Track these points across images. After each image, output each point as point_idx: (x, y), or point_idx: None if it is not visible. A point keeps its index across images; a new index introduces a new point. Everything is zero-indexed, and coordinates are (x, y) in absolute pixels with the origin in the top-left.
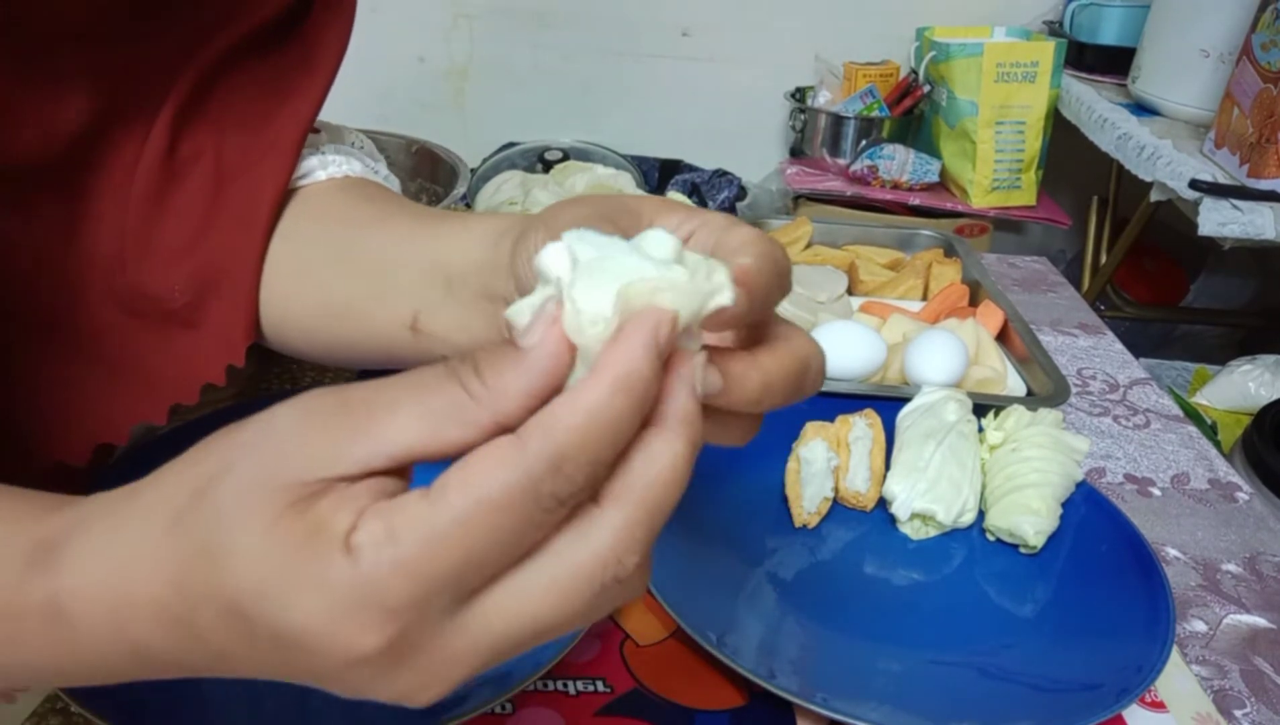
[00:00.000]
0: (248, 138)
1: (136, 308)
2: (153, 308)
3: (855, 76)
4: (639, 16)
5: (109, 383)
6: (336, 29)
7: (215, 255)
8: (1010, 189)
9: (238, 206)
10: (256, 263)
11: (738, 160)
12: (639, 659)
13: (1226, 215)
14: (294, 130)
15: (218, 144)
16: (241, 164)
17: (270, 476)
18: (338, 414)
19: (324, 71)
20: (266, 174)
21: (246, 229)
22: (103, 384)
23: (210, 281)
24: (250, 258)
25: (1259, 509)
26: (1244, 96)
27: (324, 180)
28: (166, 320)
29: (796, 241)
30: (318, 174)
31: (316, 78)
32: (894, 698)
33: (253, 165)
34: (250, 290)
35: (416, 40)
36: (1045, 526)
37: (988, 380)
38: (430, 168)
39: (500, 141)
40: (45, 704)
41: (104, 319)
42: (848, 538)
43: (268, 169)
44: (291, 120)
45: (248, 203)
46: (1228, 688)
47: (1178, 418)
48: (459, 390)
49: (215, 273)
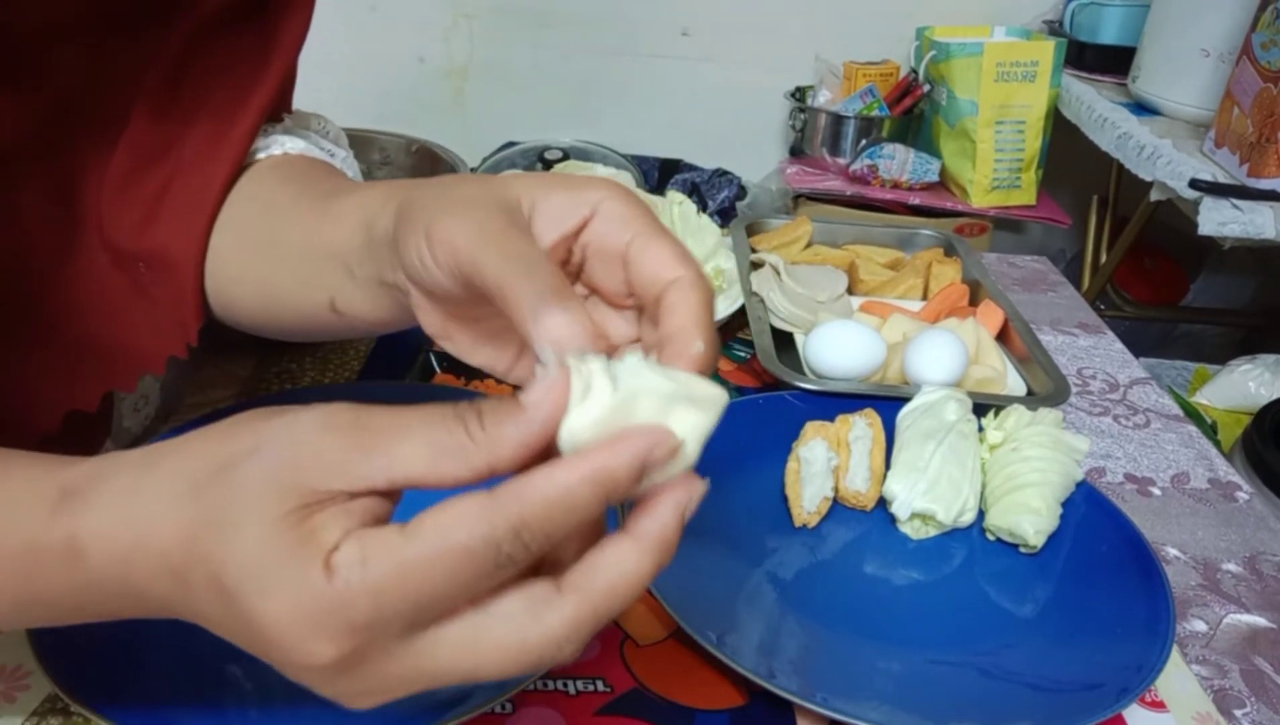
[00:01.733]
0: (212, 128)
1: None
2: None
3: (855, 76)
4: (639, 16)
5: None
6: (294, 21)
7: (166, 239)
8: (1010, 188)
9: (187, 193)
10: (200, 248)
11: (738, 160)
12: (639, 659)
13: (1226, 215)
14: (249, 120)
15: (184, 135)
16: (200, 153)
17: (286, 475)
18: (353, 432)
19: (282, 59)
20: (218, 162)
21: (192, 216)
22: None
23: (163, 263)
24: (194, 243)
25: (1259, 509)
26: (1244, 96)
27: (262, 160)
28: (132, 295)
29: (796, 241)
30: (259, 155)
31: (275, 66)
32: (894, 698)
33: (207, 154)
34: (196, 274)
35: (416, 40)
36: (1045, 526)
37: (988, 380)
38: (430, 168)
39: (500, 141)
40: (45, 704)
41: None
42: (848, 538)
43: (220, 157)
44: (248, 110)
45: (197, 190)
46: (1228, 688)
47: (1178, 417)
48: (462, 432)
49: (167, 255)
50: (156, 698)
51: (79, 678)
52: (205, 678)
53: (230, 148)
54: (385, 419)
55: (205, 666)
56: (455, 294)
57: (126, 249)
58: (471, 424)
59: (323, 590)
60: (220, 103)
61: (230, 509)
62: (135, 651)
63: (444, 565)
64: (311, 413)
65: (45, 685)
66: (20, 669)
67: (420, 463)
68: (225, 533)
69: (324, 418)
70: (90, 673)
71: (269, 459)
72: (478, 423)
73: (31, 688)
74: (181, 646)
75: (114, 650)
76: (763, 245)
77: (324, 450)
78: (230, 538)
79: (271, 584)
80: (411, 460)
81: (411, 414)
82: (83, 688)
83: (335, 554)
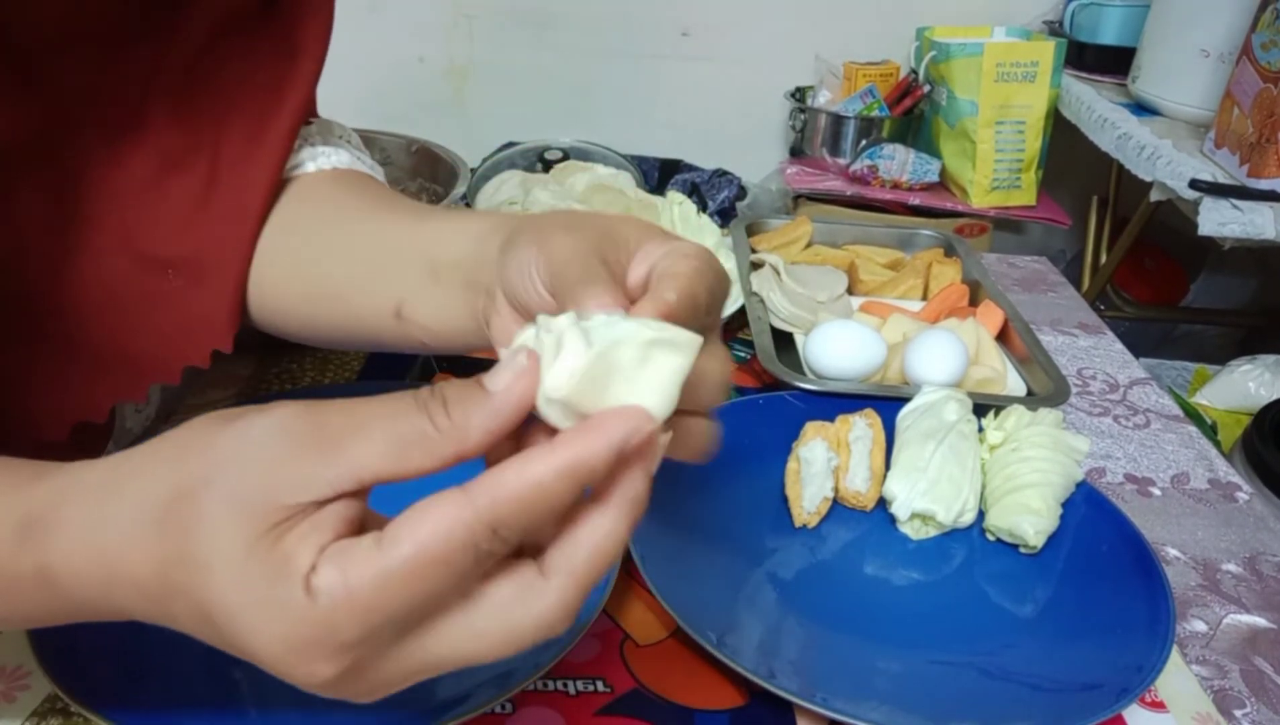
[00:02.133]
0: (244, 129)
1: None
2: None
3: (855, 76)
4: (639, 16)
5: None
6: (318, 15)
7: (207, 244)
8: (1010, 189)
9: (231, 197)
10: (247, 253)
11: (738, 160)
12: (639, 659)
13: (1226, 215)
14: (285, 122)
15: (215, 138)
16: (237, 155)
17: (247, 497)
18: (311, 437)
19: (310, 60)
20: (259, 166)
21: (238, 220)
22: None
23: (202, 269)
24: (241, 248)
25: (1259, 509)
26: (1244, 96)
27: (314, 172)
28: (155, 303)
29: (796, 241)
30: (307, 166)
31: (303, 67)
32: (894, 698)
33: (246, 157)
34: (239, 279)
35: (416, 40)
36: (1045, 526)
37: (988, 380)
38: (430, 168)
39: (500, 141)
40: (45, 704)
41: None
42: (848, 538)
43: (261, 161)
44: (283, 112)
45: (240, 194)
46: (1228, 688)
47: (1178, 418)
48: (426, 422)
49: (207, 261)
50: (157, 698)
51: (79, 678)
52: (206, 678)
53: (270, 150)
54: (343, 417)
55: (205, 667)
56: (536, 307)
57: (157, 255)
58: (436, 413)
59: (308, 617)
60: (250, 104)
61: (198, 544)
62: (135, 651)
63: (424, 572)
64: (265, 420)
65: (45, 685)
66: (20, 669)
67: (386, 459)
68: (198, 571)
69: (279, 424)
70: (90, 673)
71: (229, 482)
72: (443, 412)
73: (31, 688)
74: (182, 647)
75: (114, 650)
76: (763, 245)
77: (283, 462)
78: (205, 577)
79: (257, 621)
80: (376, 458)
81: (371, 406)
82: (83, 688)
83: (314, 577)
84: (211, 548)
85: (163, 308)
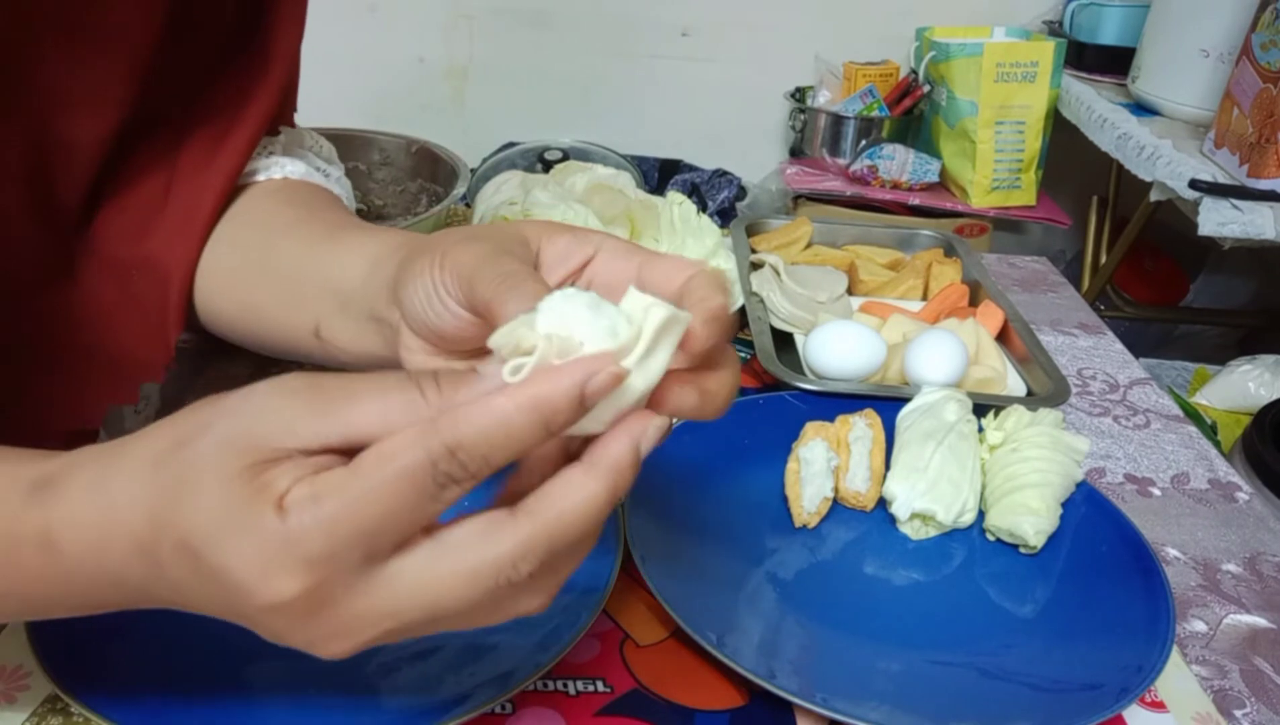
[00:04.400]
0: (208, 136)
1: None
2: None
3: (855, 76)
4: (639, 16)
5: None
6: (289, 27)
7: (158, 247)
8: (1010, 189)
9: (184, 203)
10: (192, 259)
11: (738, 160)
12: (639, 659)
13: (1226, 215)
14: (246, 131)
15: (179, 143)
16: (197, 162)
17: (241, 437)
18: (307, 393)
19: (279, 70)
20: (214, 173)
21: (187, 226)
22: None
23: (154, 272)
24: (186, 254)
25: (1259, 509)
26: (1244, 96)
27: (263, 181)
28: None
29: (796, 242)
30: (259, 175)
31: (272, 77)
32: (894, 698)
33: (204, 164)
34: (184, 284)
35: (416, 40)
36: (1045, 526)
37: (988, 380)
38: (430, 168)
39: (500, 141)
40: (45, 704)
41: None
42: (848, 538)
43: (216, 167)
44: (246, 121)
45: (192, 200)
46: (1228, 688)
47: (1178, 418)
48: (415, 393)
49: (158, 264)
50: (157, 698)
51: (79, 678)
52: (205, 678)
53: (227, 160)
54: (340, 382)
55: (205, 667)
56: (450, 329)
57: (119, 256)
58: (428, 387)
59: (276, 529)
60: (216, 114)
61: (188, 474)
62: (136, 652)
63: (389, 490)
64: (267, 382)
65: (45, 685)
66: (20, 669)
67: (373, 421)
68: (184, 496)
69: (280, 383)
70: (90, 673)
71: (225, 426)
72: (434, 386)
73: (31, 688)
74: (182, 646)
75: (114, 650)
76: (763, 246)
77: (279, 411)
78: (189, 500)
79: (230, 532)
80: (365, 418)
81: (367, 379)
82: (83, 688)
83: (286, 496)
84: (200, 472)
85: (129, 309)
